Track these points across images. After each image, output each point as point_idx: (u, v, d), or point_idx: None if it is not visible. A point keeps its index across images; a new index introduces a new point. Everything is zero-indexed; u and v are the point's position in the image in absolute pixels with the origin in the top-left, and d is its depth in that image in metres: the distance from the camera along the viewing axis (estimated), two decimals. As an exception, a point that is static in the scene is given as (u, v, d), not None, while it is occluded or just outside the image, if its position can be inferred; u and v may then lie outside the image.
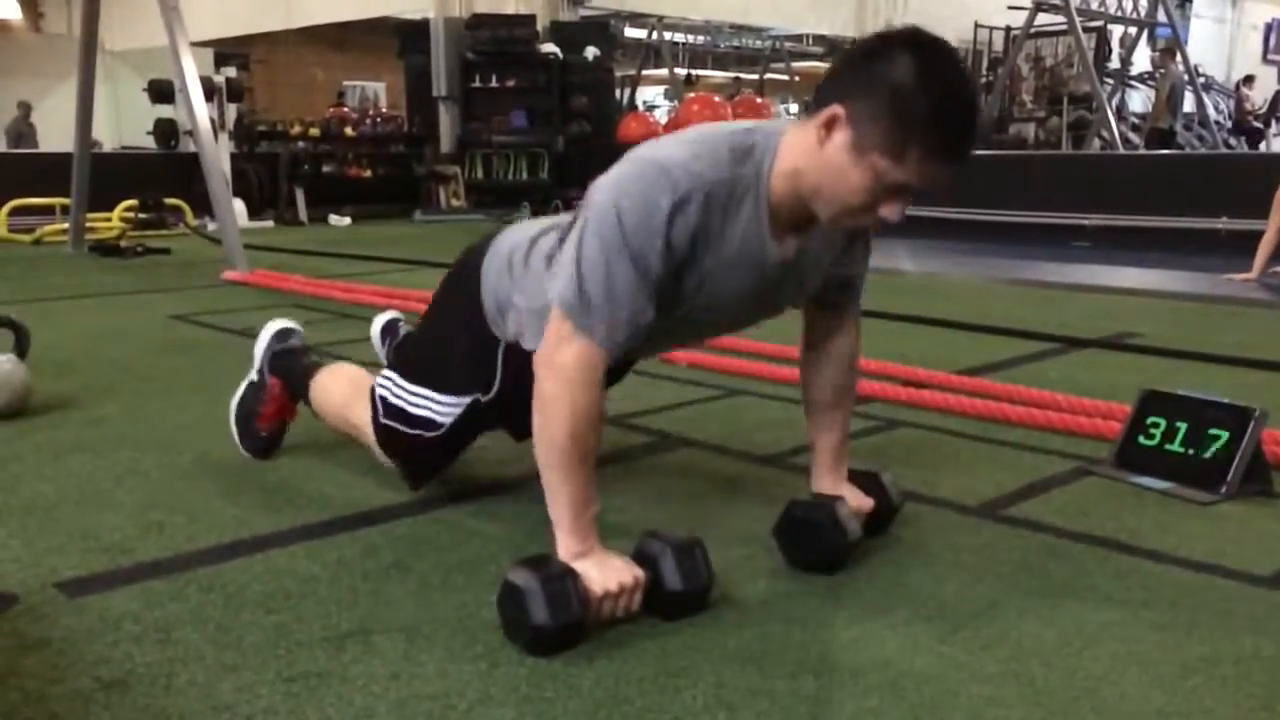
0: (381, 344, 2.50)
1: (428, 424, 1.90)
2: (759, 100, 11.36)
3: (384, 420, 1.94)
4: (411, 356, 2.03)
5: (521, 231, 1.85)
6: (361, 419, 2.00)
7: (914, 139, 1.43)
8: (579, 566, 1.48)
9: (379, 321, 2.54)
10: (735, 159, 1.54)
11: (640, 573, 1.50)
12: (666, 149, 1.55)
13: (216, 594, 1.61)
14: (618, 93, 13.52)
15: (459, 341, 1.88)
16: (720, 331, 1.92)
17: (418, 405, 1.90)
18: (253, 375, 2.32)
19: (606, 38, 11.82)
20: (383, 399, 1.94)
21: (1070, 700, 1.32)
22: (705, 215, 1.51)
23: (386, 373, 1.97)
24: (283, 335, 2.32)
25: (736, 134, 1.57)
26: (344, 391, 2.12)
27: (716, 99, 10.43)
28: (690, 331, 1.84)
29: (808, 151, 1.51)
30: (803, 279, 1.71)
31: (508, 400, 1.82)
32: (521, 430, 1.82)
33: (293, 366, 2.28)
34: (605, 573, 1.48)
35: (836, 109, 1.46)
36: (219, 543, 1.83)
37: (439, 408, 1.89)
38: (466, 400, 1.87)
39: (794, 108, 18.12)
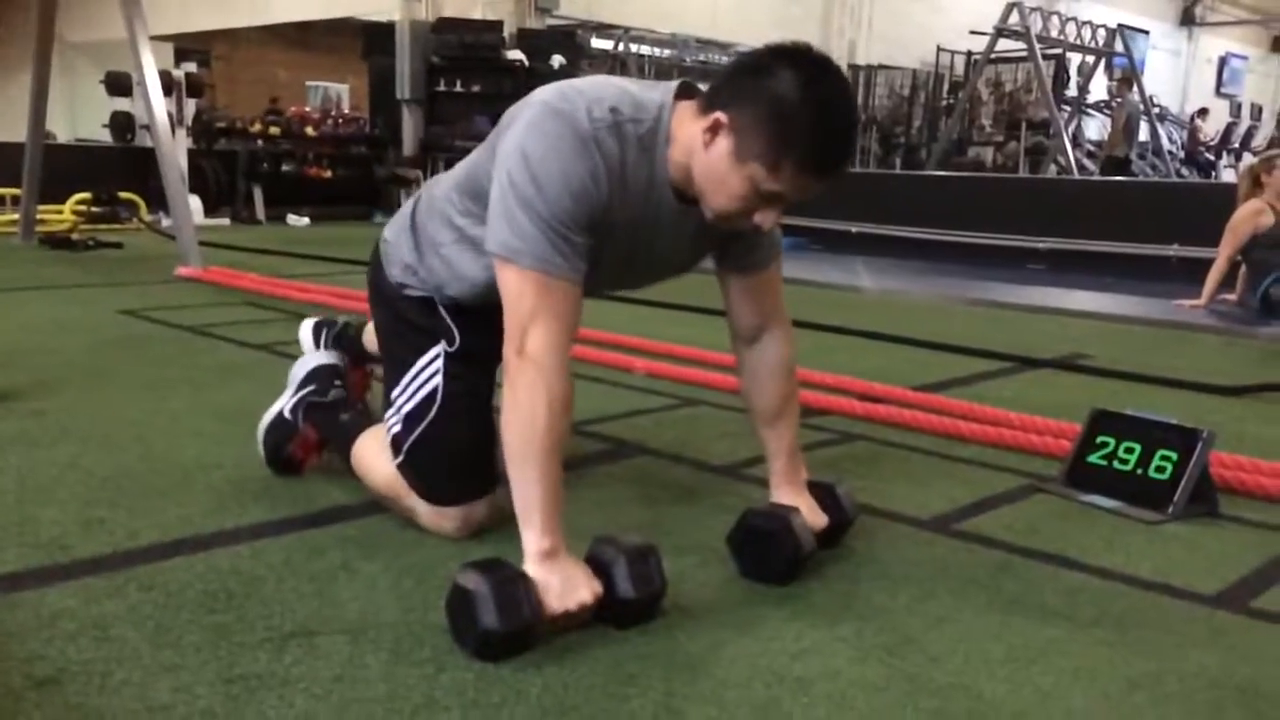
0: (317, 343, 2.34)
1: (428, 401, 1.83)
2: (723, 115, 11.38)
3: (396, 430, 1.85)
4: (387, 363, 1.96)
5: (399, 214, 1.98)
6: (406, 495, 1.88)
7: (790, 153, 1.49)
8: (541, 574, 1.46)
9: (307, 327, 2.40)
10: (632, 118, 1.59)
11: (599, 588, 1.48)
12: (569, 95, 1.59)
13: (157, 592, 1.57)
14: (583, 103, 13.47)
15: (404, 320, 1.91)
16: (633, 275, 1.87)
17: (414, 390, 1.85)
18: (285, 410, 2.15)
19: (573, 47, 11.78)
20: (391, 428, 1.87)
21: (1016, 714, 1.33)
22: (613, 153, 1.56)
23: (387, 414, 1.90)
24: (323, 380, 2.18)
25: (626, 94, 1.61)
26: (386, 473, 1.93)
27: (681, 112, 10.44)
28: (612, 272, 1.78)
29: (694, 150, 1.57)
30: (699, 235, 1.75)
31: (475, 350, 1.84)
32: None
33: (332, 424, 2.11)
34: (565, 589, 1.46)
35: (720, 116, 1.53)
36: (161, 541, 1.79)
37: (425, 374, 1.85)
38: (438, 351, 1.85)
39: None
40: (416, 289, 1.89)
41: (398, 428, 1.86)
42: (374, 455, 1.93)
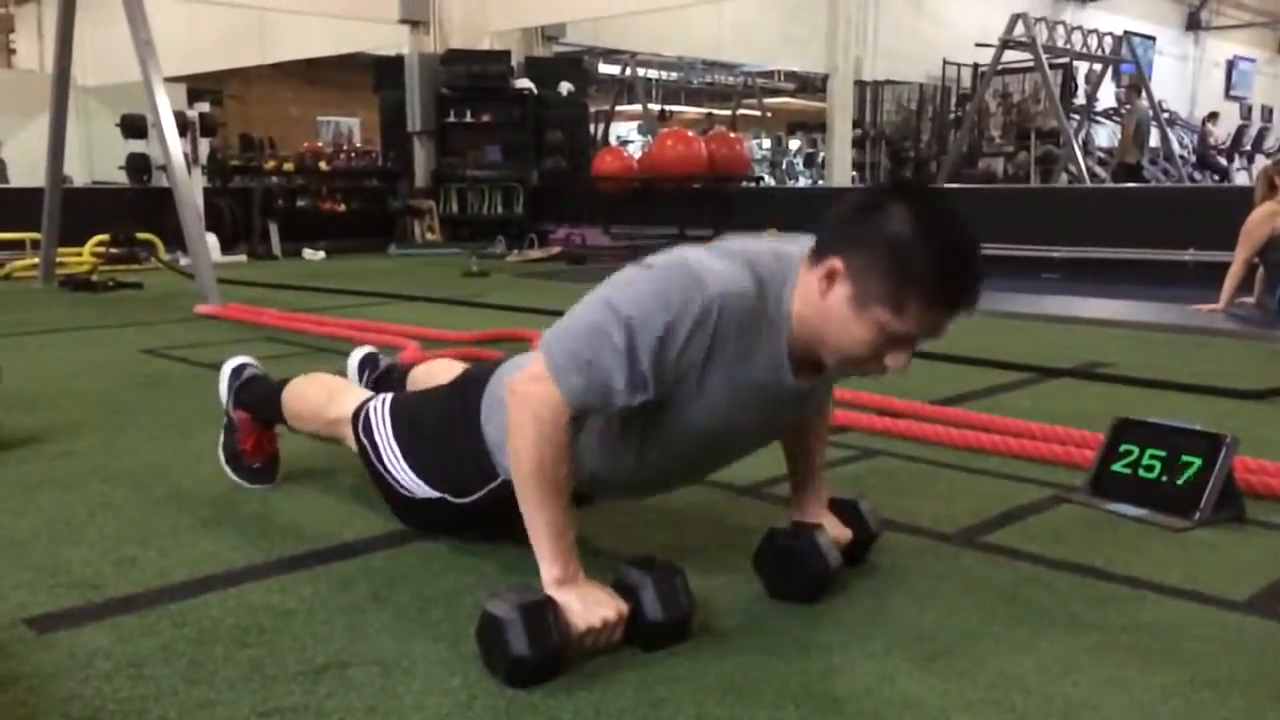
0: (359, 377, 2.48)
1: (396, 482, 1.88)
2: (732, 135, 11.43)
3: (361, 438, 1.93)
4: (407, 423, 1.90)
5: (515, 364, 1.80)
6: (342, 413, 2.01)
7: (913, 292, 1.44)
8: (561, 596, 1.47)
9: (357, 355, 2.54)
10: (757, 285, 1.52)
11: (623, 606, 1.49)
12: (699, 255, 1.54)
13: (189, 629, 1.59)
14: (592, 128, 13.58)
15: (459, 455, 1.80)
16: (714, 460, 1.80)
17: (392, 465, 1.88)
18: (224, 419, 2.33)
19: (581, 73, 11.91)
20: (366, 424, 1.93)
21: (1051, 726, 1.32)
22: (727, 327, 1.49)
23: (382, 409, 1.93)
24: (239, 371, 2.33)
25: (761, 257, 1.56)
26: (321, 394, 2.14)
27: (690, 134, 10.49)
28: (685, 456, 1.68)
29: (810, 300, 1.51)
30: (807, 406, 1.72)
31: (482, 514, 1.81)
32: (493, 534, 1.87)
33: (255, 393, 2.29)
34: (588, 606, 1.47)
35: (836, 262, 1.47)
36: (192, 577, 1.80)
37: (408, 482, 1.86)
38: (435, 494, 1.84)
39: (766, 143, 18.26)
40: (495, 460, 1.74)
41: (373, 428, 1.91)
42: (314, 389, 2.14)
